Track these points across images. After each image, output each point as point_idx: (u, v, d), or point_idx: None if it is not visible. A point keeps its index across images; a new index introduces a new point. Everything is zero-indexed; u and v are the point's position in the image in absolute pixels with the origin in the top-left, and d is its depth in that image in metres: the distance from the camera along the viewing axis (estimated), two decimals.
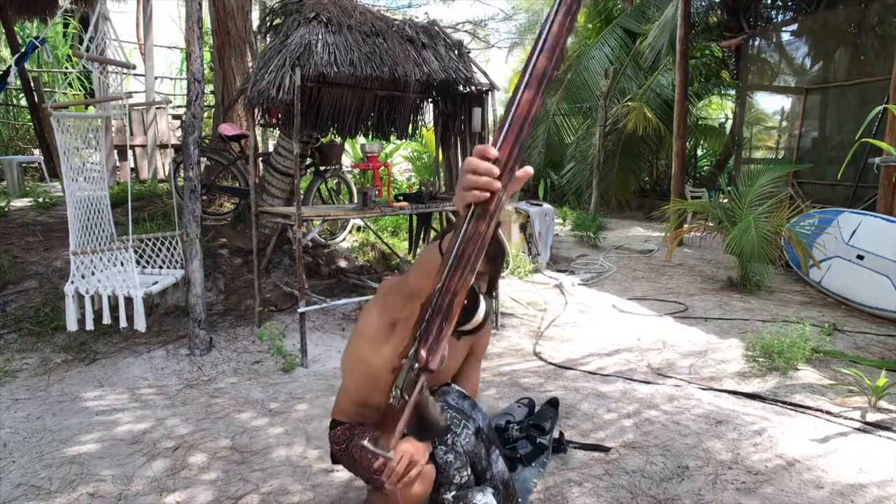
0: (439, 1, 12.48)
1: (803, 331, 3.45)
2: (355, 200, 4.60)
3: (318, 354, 3.63)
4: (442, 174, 4.72)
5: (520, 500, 2.07)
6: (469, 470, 1.63)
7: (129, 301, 3.34)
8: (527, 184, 11.42)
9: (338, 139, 4.77)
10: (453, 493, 1.60)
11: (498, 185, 0.83)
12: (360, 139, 4.61)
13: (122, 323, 3.33)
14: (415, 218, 4.85)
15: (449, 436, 1.61)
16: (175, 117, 8.90)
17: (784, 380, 3.25)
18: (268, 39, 3.88)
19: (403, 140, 5.48)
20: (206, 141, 5.79)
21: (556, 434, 2.50)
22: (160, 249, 3.93)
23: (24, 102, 8.66)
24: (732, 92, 11.68)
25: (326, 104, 3.96)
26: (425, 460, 1.49)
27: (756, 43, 8.62)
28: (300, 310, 3.44)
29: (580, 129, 11.04)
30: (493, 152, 0.83)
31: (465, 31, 10.79)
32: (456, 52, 3.99)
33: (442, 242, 1.16)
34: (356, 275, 4.79)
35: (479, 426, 1.69)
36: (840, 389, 3.10)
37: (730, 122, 13.13)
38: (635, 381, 3.24)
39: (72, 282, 3.36)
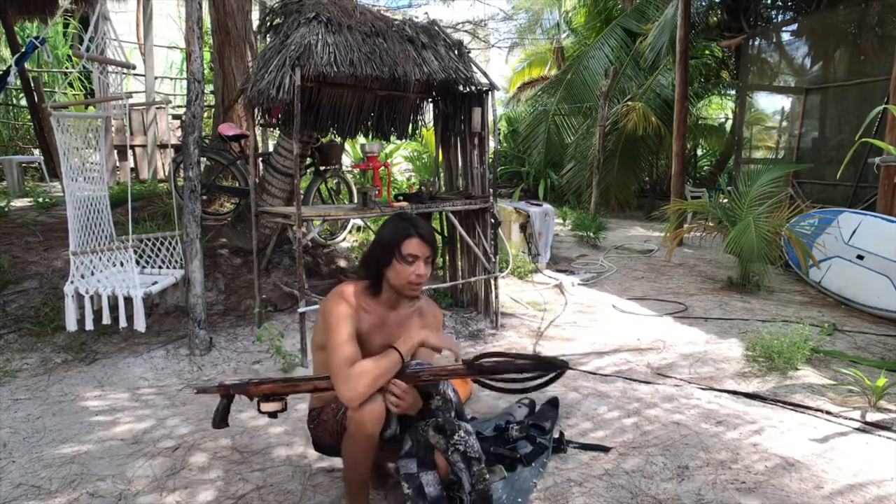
0: (439, 1, 12.49)
1: (803, 331, 3.45)
2: (355, 200, 4.60)
3: None
4: (442, 174, 4.72)
5: (520, 500, 2.08)
6: (453, 414, 1.84)
7: (128, 301, 3.33)
8: (527, 183, 11.45)
9: (338, 139, 4.77)
10: (434, 424, 1.79)
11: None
12: (360, 139, 4.61)
13: (122, 323, 3.32)
14: None
15: (441, 384, 1.86)
16: (175, 117, 8.90)
17: (784, 380, 3.25)
18: (268, 39, 3.87)
19: (403, 140, 5.48)
20: (206, 141, 5.79)
21: (556, 434, 2.51)
22: (160, 249, 3.93)
23: (24, 102, 8.67)
24: (732, 92, 11.69)
25: (326, 104, 3.96)
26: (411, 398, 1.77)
27: (756, 43, 8.61)
28: (300, 310, 3.44)
29: (580, 129, 11.03)
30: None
31: (465, 31, 10.78)
32: (456, 52, 3.99)
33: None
34: (356, 275, 4.79)
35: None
36: (840, 389, 3.10)
37: (730, 122, 13.13)
38: (635, 380, 3.24)
39: (71, 282, 3.36)
